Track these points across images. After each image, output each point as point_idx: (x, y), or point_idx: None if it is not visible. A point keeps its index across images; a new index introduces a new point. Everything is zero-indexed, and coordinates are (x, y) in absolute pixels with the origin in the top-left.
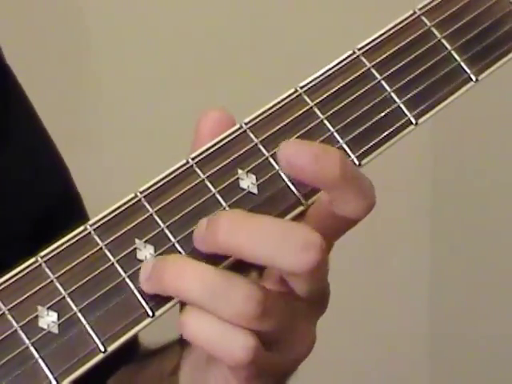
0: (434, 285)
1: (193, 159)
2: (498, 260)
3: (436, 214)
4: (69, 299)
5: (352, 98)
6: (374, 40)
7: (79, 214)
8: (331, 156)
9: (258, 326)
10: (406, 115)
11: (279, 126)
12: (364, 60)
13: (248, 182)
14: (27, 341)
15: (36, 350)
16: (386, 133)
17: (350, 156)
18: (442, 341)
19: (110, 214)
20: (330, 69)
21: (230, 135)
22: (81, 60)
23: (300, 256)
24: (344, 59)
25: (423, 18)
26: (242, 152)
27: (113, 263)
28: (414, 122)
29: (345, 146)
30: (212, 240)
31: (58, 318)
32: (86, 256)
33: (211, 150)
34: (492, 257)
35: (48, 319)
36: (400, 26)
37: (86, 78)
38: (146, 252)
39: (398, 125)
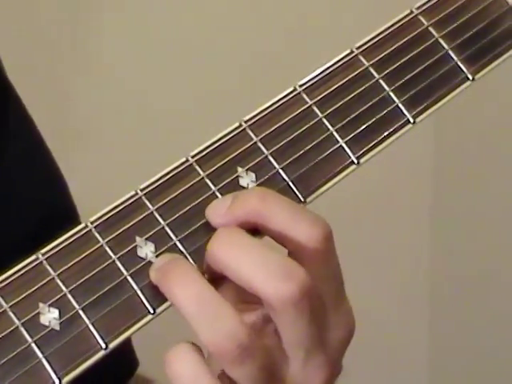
0: (435, 285)
1: (193, 157)
2: (499, 260)
3: (436, 213)
4: (70, 296)
5: (350, 96)
6: (371, 39)
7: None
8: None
9: (230, 368)
10: (405, 114)
11: (278, 125)
12: (362, 59)
13: (248, 180)
14: (29, 338)
15: (38, 346)
16: (385, 132)
17: (348, 155)
18: (441, 342)
19: (110, 211)
20: (329, 67)
21: (229, 133)
22: (80, 58)
23: (277, 285)
24: (342, 58)
25: (420, 17)
26: (241, 150)
27: (114, 261)
28: (412, 121)
29: (344, 145)
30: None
31: (60, 315)
32: (86, 253)
33: (211, 148)
34: (493, 257)
35: (49, 316)
36: (397, 25)
37: (84, 73)
38: (146, 249)
39: (396, 124)
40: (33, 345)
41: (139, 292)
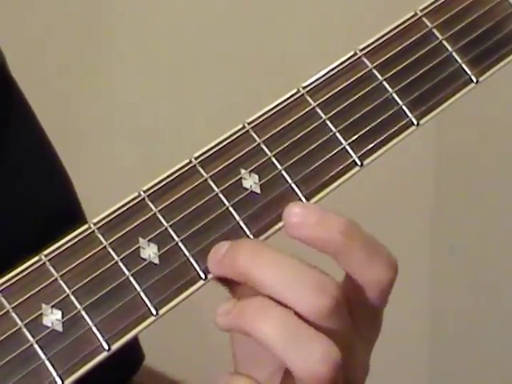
0: (435, 285)
1: (196, 159)
2: (501, 261)
3: (438, 215)
4: (73, 297)
5: (354, 98)
6: (375, 41)
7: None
8: (335, 221)
9: None
10: (408, 116)
11: (282, 126)
12: (366, 61)
13: (251, 182)
14: (32, 339)
15: (40, 347)
16: (388, 133)
17: (351, 156)
18: (441, 342)
19: (113, 212)
20: (333, 69)
21: (232, 135)
22: (80, 59)
23: (310, 299)
24: (346, 60)
25: (424, 19)
26: (244, 152)
27: (116, 262)
28: (415, 122)
29: (347, 147)
30: (230, 263)
31: (62, 316)
32: (89, 254)
33: (214, 150)
34: (495, 258)
35: (52, 317)
36: (401, 27)
37: (89, 72)
38: (149, 251)
39: (399, 125)
40: (35, 346)
41: (142, 293)
